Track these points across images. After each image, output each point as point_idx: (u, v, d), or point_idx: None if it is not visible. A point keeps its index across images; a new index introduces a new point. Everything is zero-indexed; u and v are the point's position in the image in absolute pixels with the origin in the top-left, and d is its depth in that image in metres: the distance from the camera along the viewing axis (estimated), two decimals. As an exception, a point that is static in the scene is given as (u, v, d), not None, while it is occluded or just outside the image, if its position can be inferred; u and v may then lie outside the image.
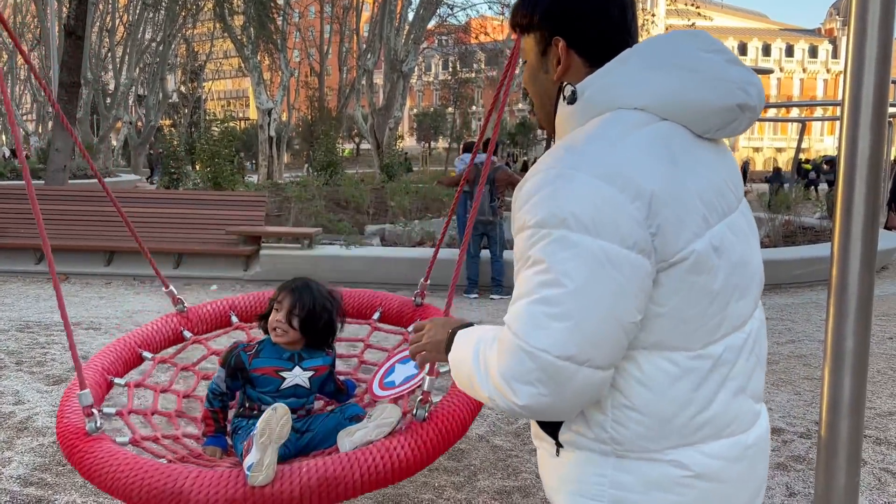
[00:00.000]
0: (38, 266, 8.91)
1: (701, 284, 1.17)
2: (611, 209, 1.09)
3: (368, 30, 30.64)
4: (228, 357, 2.54)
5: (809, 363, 5.42)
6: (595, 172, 1.12)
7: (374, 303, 3.24)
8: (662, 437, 1.20)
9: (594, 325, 1.09)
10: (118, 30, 37.33)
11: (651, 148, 1.16)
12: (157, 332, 2.95)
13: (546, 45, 1.28)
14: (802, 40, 78.47)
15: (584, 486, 1.25)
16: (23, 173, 2.23)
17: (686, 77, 1.20)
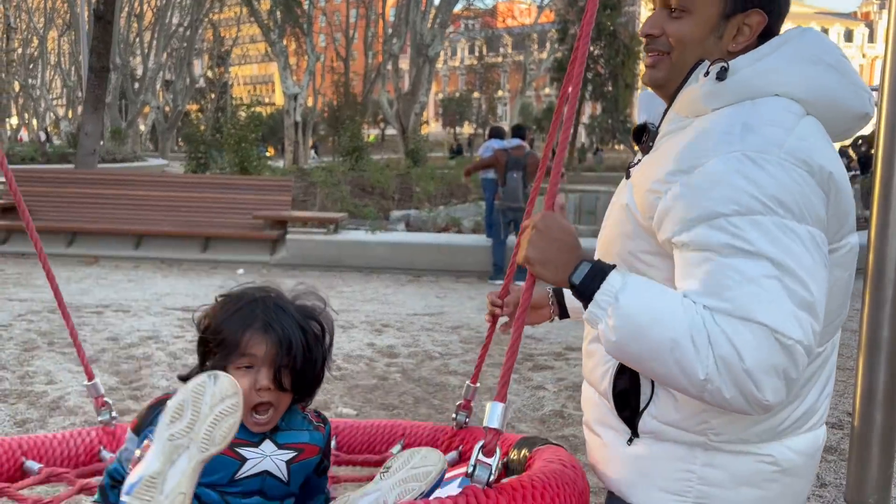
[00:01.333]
0: (70, 248, 9.05)
1: (843, 280, 1.18)
2: (809, 193, 1.07)
3: (394, 14, 30.54)
4: (150, 415, 1.41)
5: (842, 353, 5.30)
6: (785, 157, 1.07)
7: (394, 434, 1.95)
8: (762, 428, 1.18)
9: (822, 313, 1.06)
10: (146, 15, 37.64)
11: (823, 138, 1.14)
12: (60, 443, 1.94)
13: (736, 10, 1.18)
14: (838, 24, 76.81)
15: (669, 481, 1.21)
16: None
17: (838, 78, 1.17)
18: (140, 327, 5.65)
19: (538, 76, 37.68)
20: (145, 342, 5.25)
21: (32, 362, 4.73)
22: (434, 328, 5.95)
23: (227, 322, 1.41)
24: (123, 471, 1.43)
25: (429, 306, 6.77)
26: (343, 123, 22.72)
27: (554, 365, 5.02)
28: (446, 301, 7.00)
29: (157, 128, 38.59)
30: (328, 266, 8.58)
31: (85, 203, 9.33)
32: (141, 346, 5.17)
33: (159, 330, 5.59)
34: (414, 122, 25.28)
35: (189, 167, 15.03)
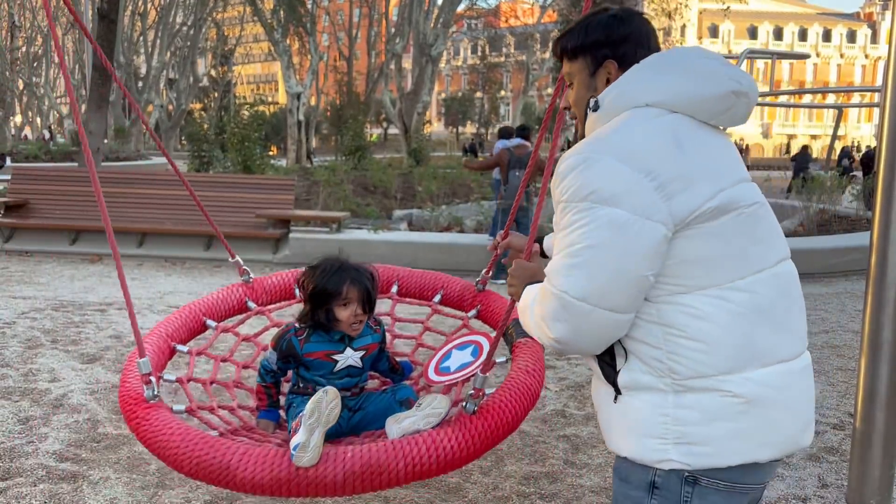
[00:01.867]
0: (73, 246, 9.07)
1: (715, 232, 1.40)
2: (626, 184, 1.36)
3: (397, 13, 30.53)
4: (280, 342, 2.54)
5: (843, 354, 5.34)
6: (614, 155, 1.39)
7: (436, 285, 3.22)
8: (715, 361, 1.38)
9: (605, 276, 1.36)
10: (150, 13, 37.67)
11: (659, 135, 1.42)
12: (222, 302, 2.98)
13: (596, 67, 1.57)
14: (840, 24, 76.63)
15: (650, 426, 1.42)
16: (85, 157, 2.25)
17: (688, 76, 1.48)
18: (143, 325, 5.66)
19: (541, 76, 37.66)
20: (148, 340, 5.26)
21: (36, 360, 4.74)
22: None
23: (329, 280, 2.44)
24: (270, 366, 2.60)
25: (431, 306, 6.78)
26: (346, 122, 22.72)
27: (556, 364, 5.03)
28: (448, 300, 7.00)
29: (161, 126, 38.61)
30: (331, 265, 8.59)
31: (88, 201, 9.34)
32: (144, 344, 5.19)
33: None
34: (416, 121, 25.29)
35: (192, 166, 15.04)
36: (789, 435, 1.45)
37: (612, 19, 1.57)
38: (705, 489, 1.41)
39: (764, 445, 1.41)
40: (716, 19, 66.69)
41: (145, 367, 2.16)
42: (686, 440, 1.39)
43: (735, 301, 1.40)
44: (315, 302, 2.46)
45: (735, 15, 58.69)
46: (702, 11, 55.16)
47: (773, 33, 73.49)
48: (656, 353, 1.41)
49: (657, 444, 1.41)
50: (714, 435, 1.38)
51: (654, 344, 1.41)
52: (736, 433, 1.39)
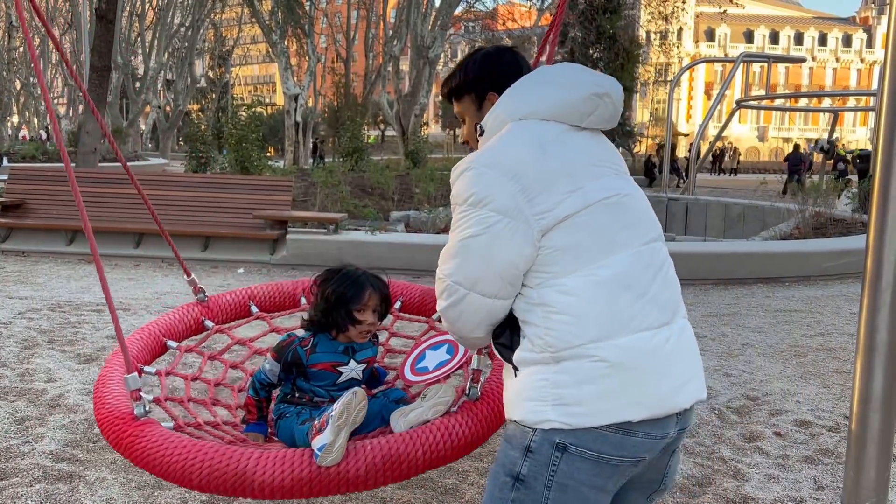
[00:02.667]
0: (70, 247, 9.06)
1: (585, 224, 1.59)
2: (492, 187, 1.58)
3: (395, 16, 30.55)
4: (284, 352, 2.53)
5: (839, 356, 5.36)
6: (486, 164, 1.62)
7: (394, 292, 3.22)
8: (583, 330, 1.54)
9: (474, 265, 1.59)
10: (148, 14, 37.64)
11: (525, 142, 1.63)
12: (179, 322, 2.94)
13: (481, 101, 1.81)
14: (836, 29, 76.86)
15: (532, 391, 1.58)
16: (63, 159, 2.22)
17: (551, 87, 1.69)
18: (140, 325, 5.65)
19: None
20: (145, 341, 5.26)
21: (32, 360, 4.73)
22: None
23: (352, 285, 2.53)
24: (267, 379, 2.56)
25: (428, 307, 6.78)
26: (343, 124, 22.72)
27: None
28: (445, 302, 7.01)
29: (158, 127, 38.57)
30: (328, 266, 8.54)
31: (85, 202, 9.27)
32: (141, 344, 5.18)
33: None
34: (414, 123, 25.29)
35: (190, 167, 15.03)
36: (659, 395, 1.56)
37: (487, 57, 1.82)
38: (573, 456, 1.53)
39: (632, 405, 1.53)
40: (712, 23, 66.83)
41: (134, 383, 2.10)
42: (561, 401, 1.53)
43: (599, 276, 1.57)
44: (335, 304, 2.50)
45: (731, 19, 58.79)
46: (698, 15, 55.33)
47: (769, 37, 73.66)
48: (538, 332, 1.58)
49: (538, 406, 1.55)
50: (585, 396, 1.52)
51: (536, 323, 1.58)
52: (604, 393, 1.52)
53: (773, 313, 6.74)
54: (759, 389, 4.55)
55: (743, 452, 3.60)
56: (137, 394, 2.10)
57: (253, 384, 2.60)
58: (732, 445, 3.69)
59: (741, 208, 15.27)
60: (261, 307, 3.26)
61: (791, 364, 5.13)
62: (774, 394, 4.48)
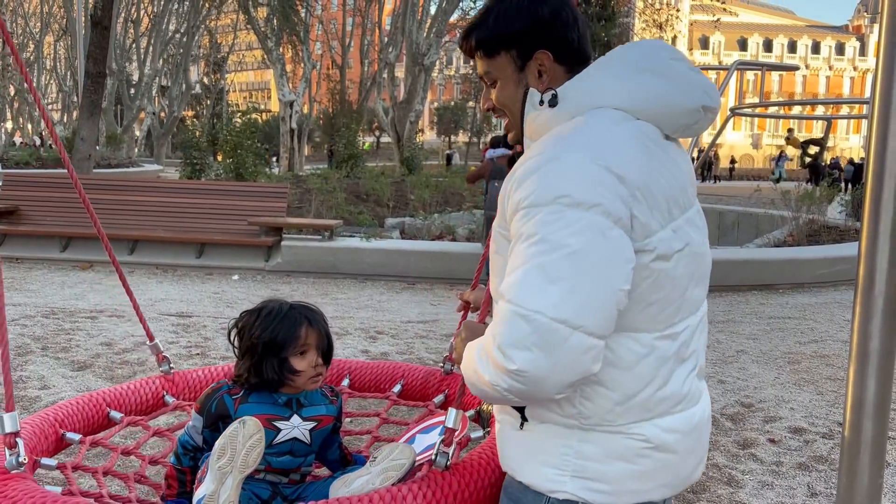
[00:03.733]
0: (64, 253, 9.04)
1: (665, 271, 1.26)
2: (599, 186, 1.19)
3: (391, 23, 30.63)
4: (208, 401, 1.94)
5: (832, 363, 5.37)
6: (584, 156, 1.21)
7: (395, 375, 2.75)
8: (626, 411, 1.29)
9: (587, 289, 1.16)
10: (143, 21, 37.64)
11: (632, 139, 1.26)
12: (133, 393, 2.47)
13: (525, 60, 1.37)
14: (829, 37, 77.33)
15: (551, 456, 1.32)
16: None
17: (659, 81, 1.32)
18: (134, 332, 5.64)
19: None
20: (139, 347, 5.24)
21: (26, 367, 4.72)
22: (428, 335, 5.96)
23: (282, 324, 1.89)
24: (192, 441, 1.96)
25: (423, 313, 6.79)
26: (339, 131, 22.73)
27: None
28: (440, 308, 7.01)
29: (153, 133, 38.52)
30: (323, 273, 8.59)
31: (80, 208, 9.26)
32: (135, 351, 5.17)
33: (154, 335, 5.58)
34: (409, 130, 25.32)
35: (184, 173, 15.02)
36: (685, 475, 1.39)
37: (535, 3, 1.35)
38: None
39: (661, 487, 1.35)
40: (706, 31, 67.18)
41: (11, 425, 1.64)
42: (584, 475, 1.31)
43: (662, 350, 1.30)
44: (263, 353, 1.89)
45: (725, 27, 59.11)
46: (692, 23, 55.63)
47: (762, 45, 74.07)
48: (570, 396, 1.28)
49: (555, 474, 1.32)
50: (613, 474, 1.31)
51: None
52: (636, 475, 1.31)
53: (767, 320, 6.76)
54: (754, 396, 4.56)
55: (737, 459, 3.61)
56: (12, 439, 1.66)
57: (175, 450, 2.02)
58: (727, 452, 3.69)
59: (735, 215, 15.32)
60: None
61: (785, 371, 5.15)
62: (768, 401, 4.49)
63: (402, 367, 2.79)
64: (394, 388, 2.69)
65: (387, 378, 2.72)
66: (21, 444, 1.68)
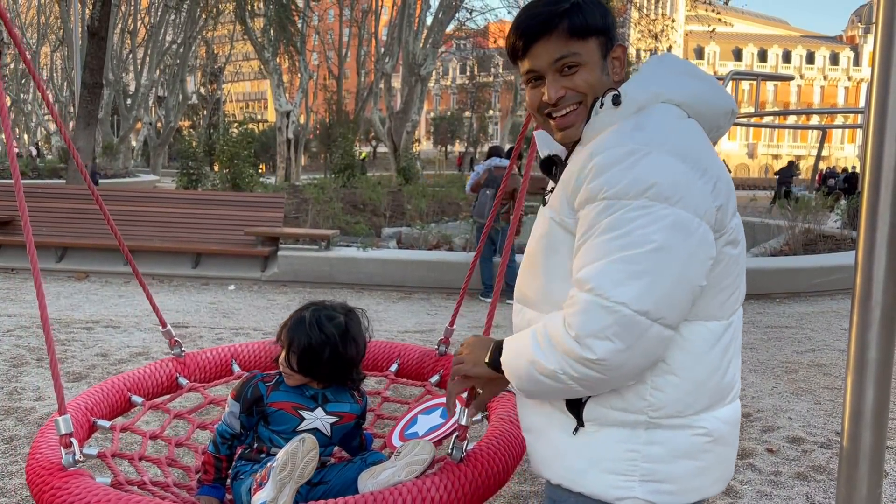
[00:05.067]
0: (60, 264, 9.01)
1: (734, 256, 1.31)
2: (685, 182, 1.22)
3: (387, 33, 30.73)
4: (244, 388, 2.18)
5: (830, 372, 5.37)
6: (667, 150, 1.24)
7: (391, 354, 2.92)
8: (696, 400, 1.31)
9: (669, 284, 1.20)
10: (140, 31, 37.71)
11: (701, 136, 1.33)
12: (150, 377, 2.63)
13: (608, 49, 1.40)
14: (823, 47, 77.77)
15: (616, 462, 1.30)
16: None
17: (701, 84, 1.39)
18: (130, 343, 5.62)
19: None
20: (135, 358, 5.22)
21: (21, 378, 4.69)
22: (425, 345, 5.94)
23: (282, 324, 2.16)
24: (229, 429, 2.19)
25: (420, 323, 6.77)
26: (335, 141, 22.77)
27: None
28: (437, 318, 7.00)
29: (149, 143, 38.53)
30: (319, 282, 8.58)
31: (76, 218, 9.30)
32: (131, 361, 5.15)
33: (150, 346, 5.56)
34: (406, 140, 25.37)
35: (181, 183, 15.01)
36: (732, 469, 1.43)
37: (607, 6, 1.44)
38: None
39: (717, 482, 1.38)
40: (701, 41, 67.53)
41: (66, 427, 1.78)
42: (652, 478, 1.30)
43: (726, 338, 1.34)
44: (303, 361, 2.13)
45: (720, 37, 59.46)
46: (688, 33, 55.92)
47: (757, 55, 74.48)
48: (641, 388, 1.29)
49: (622, 480, 1.30)
50: (678, 473, 1.31)
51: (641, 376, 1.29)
52: (698, 471, 1.33)
53: (764, 329, 6.76)
54: (751, 406, 4.56)
55: (735, 469, 3.60)
56: (68, 440, 1.78)
57: (214, 438, 2.23)
58: (725, 462, 3.68)
59: (731, 224, 15.35)
60: (244, 366, 2.87)
61: (782, 380, 5.14)
62: (766, 410, 4.48)
63: (398, 346, 2.95)
64: (391, 367, 2.87)
65: (383, 357, 2.89)
66: (76, 443, 1.81)
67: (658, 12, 41.50)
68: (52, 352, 1.81)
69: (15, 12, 38.60)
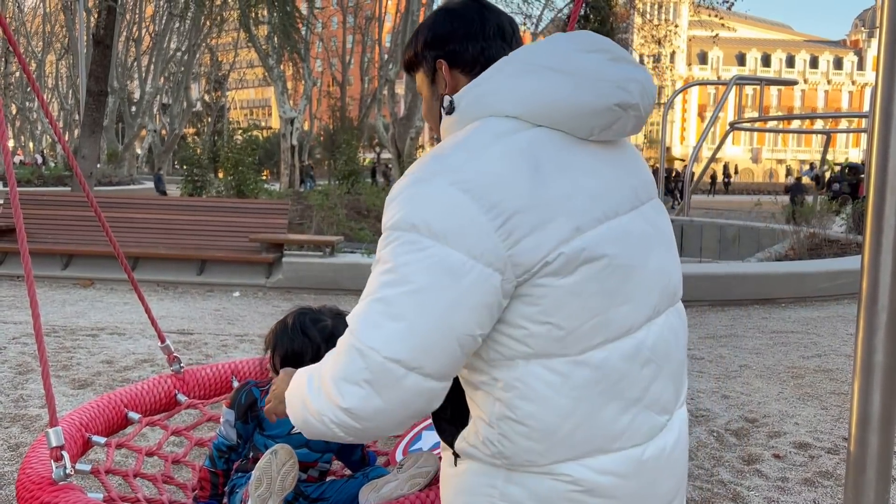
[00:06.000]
0: (65, 271, 9.04)
1: (570, 289, 1.12)
2: (462, 218, 1.08)
3: (390, 40, 30.83)
4: (238, 395, 2.18)
5: (836, 378, 5.35)
6: (452, 180, 1.10)
7: None
8: (549, 450, 1.16)
9: (426, 331, 1.07)
10: (144, 39, 37.90)
11: (512, 159, 1.12)
12: (147, 393, 2.58)
13: (433, 72, 1.30)
14: (827, 52, 77.75)
15: (476, 497, 1.22)
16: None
17: (559, 80, 1.16)
18: (135, 350, 5.63)
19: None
20: (140, 365, 5.23)
21: (27, 385, 4.70)
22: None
23: (296, 341, 2.09)
24: (226, 440, 2.14)
25: (424, 330, 6.76)
26: (339, 147, 22.82)
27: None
28: (442, 325, 6.99)
29: (154, 151, 38.67)
30: (324, 289, 8.58)
31: (81, 226, 9.33)
32: (136, 368, 5.15)
33: (154, 353, 5.57)
34: (409, 146, 25.40)
35: (185, 190, 15.05)
36: None
37: (439, 14, 1.31)
38: None
39: None
40: (705, 46, 67.57)
41: (57, 439, 1.72)
42: None
43: (581, 378, 1.15)
44: (285, 364, 2.09)
45: (724, 42, 59.44)
46: (691, 38, 55.94)
47: (761, 60, 74.49)
48: (490, 433, 1.18)
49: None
50: None
51: (487, 420, 1.18)
52: None
53: (769, 334, 6.74)
54: (758, 411, 4.54)
55: (742, 475, 3.59)
56: (58, 453, 1.73)
57: (210, 453, 2.19)
58: (731, 468, 3.67)
59: (736, 230, 15.33)
60: None
61: (789, 385, 5.13)
62: (773, 415, 4.47)
63: None
64: None
65: None
66: (66, 456, 1.74)
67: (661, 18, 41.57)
68: (45, 363, 1.77)
69: (20, 21, 38.83)
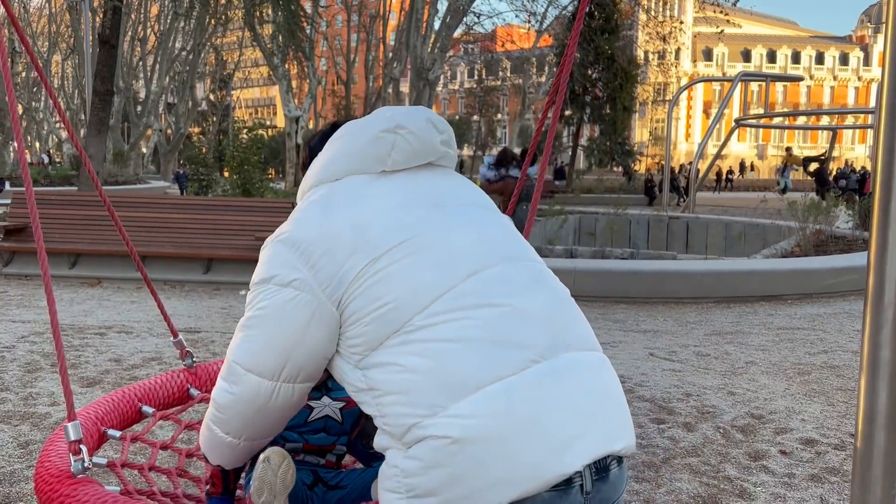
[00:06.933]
0: (72, 270, 9.08)
1: (379, 279, 1.39)
2: (277, 260, 1.49)
3: (395, 38, 30.84)
4: None
5: (843, 374, 5.34)
6: (275, 238, 1.54)
7: None
8: (411, 407, 1.30)
9: (259, 343, 1.48)
10: (150, 39, 37.98)
11: (310, 209, 1.52)
12: (160, 388, 2.65)
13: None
14: (833, 47, 77.42)
15: (388, 480, 1.35)
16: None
17: (339, 145, 1.59)
18: (143, 349, 5.66)
19: (537, 99, 37.96)
20: (148, 363, 5.26)
21: (35, 384, 4.73)
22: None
23: None
24: None
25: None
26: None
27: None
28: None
29: (160, 150, 38.76)
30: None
31: (87, 225, 9.37)
32: (144, 367, 5.18)
33: (162, 351, 5.60)
34: (414, 144, 25.40)
35: (191, 189, 15.09)
36: (532, 462, 1.24)
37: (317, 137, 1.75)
38: None
39: (493, 486, 1.23)
40: (710, 43, 67.37)
41: (75, 433, 1.75)
42: (414, 492, 1.28)
43: (419, 339, 1.33)
44: None
45: (729, 38, 59.29)
46: (696, 35, 55.82)
47: (766, 56, 74.26)
48: (377, 419, 1.38)
49: (395, 498, 1.32)
50: (435, 484, 1.26)
51: (371, 410, 1.39)
52: (455, 478, 1.24)
53: (776, 331, 6.73)
54: (764, 408, 4.54)
55: (749, 471, 3.59)
56: (77, 446, 1.76)
57: None
58: (738, 464, 3.67)
59: (742, 226, 15.30)
60: None
61: (795, 382, 5.12)
62: (779, 412, 4.47)
63: None
64: None
65: None
66: (84, 450, 1.79)
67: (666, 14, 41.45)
68: (62, 357, 1.80)
69: (26, 21, 38.96)
